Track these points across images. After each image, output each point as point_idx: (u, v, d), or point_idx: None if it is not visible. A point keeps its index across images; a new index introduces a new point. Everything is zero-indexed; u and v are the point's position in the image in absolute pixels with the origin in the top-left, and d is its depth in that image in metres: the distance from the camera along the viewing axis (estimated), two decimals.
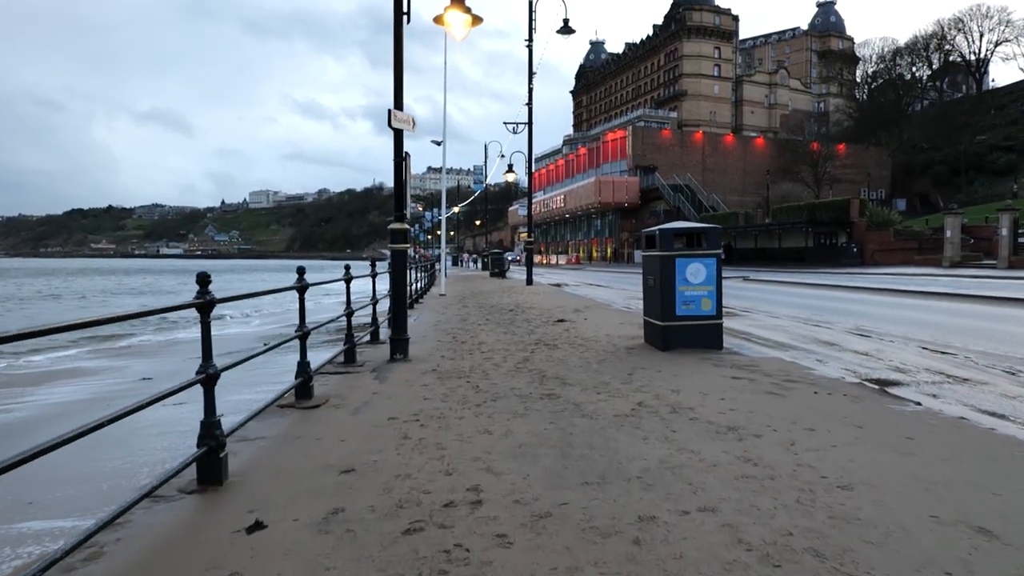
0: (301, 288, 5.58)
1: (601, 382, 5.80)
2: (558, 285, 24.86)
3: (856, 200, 39.81)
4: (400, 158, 7.72)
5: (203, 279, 3.48)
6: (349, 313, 7.58)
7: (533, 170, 26.48)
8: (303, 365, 5.64)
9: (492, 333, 9.83)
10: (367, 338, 9.71)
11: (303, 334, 5.59)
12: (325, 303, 23.60)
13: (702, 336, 7.31)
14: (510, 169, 28.07)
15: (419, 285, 20.16)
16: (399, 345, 7.81)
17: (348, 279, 7.61)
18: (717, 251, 7.33)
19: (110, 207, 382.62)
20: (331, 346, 10.62)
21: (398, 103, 7.72)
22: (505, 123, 25.06)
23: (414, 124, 7.94)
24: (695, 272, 7.25)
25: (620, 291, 21.06)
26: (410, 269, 19.79)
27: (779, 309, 13.07)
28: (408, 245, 7.85)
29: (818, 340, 8.80)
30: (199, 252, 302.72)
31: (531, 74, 23.89)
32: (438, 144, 26.96)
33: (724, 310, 7.74)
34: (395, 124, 7.59)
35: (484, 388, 5.76)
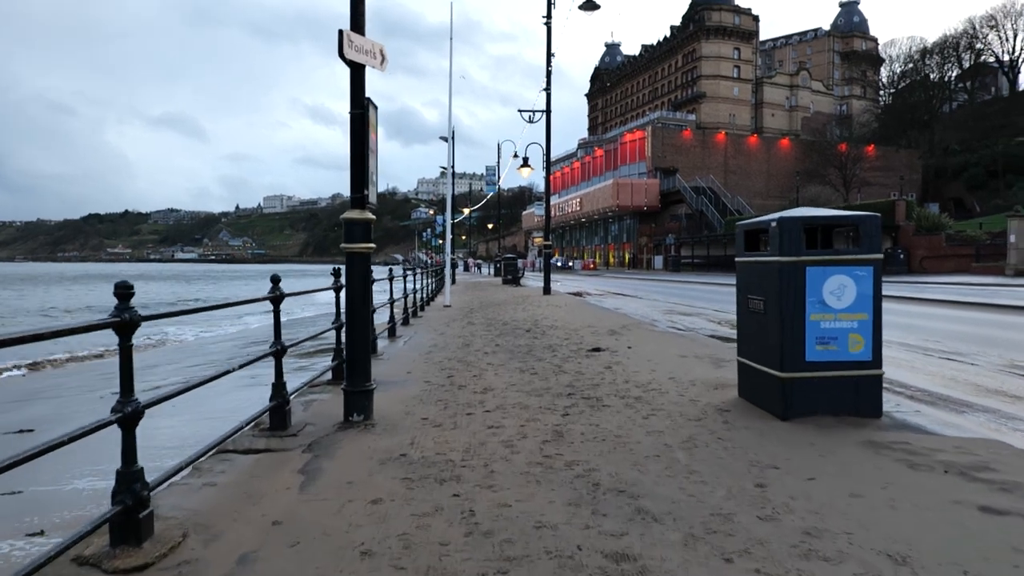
0: (123, 326, 2.79)
1: (715, 512, 2.94)
2: (579, 294, 21.99)
3: (902, 202, 36.60)
4: (360, 108, 4.91)
5: None
6: (277, 351, 4.78)
7: (548, 173, 23.66)
8: (127, 478, 2.84)
9: (503, 371, 6.99)
10: (328, 375, 6.93)
11: (125, 416, 2.80)
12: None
13: (849, 396, 4.44)
14: (525, 163, 25.20)
15: (423, 294, 17.38)
16: (357, 401, 4.99)
17: (276, 297, 4.81)
18: (876, 255, 4.46)
19: (127, 212, 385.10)
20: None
21: (356, 24, 4.93)
22: (520, 111, 22.18)
23: (384, 59, 5.14)
24: (839, 289, 4.39)
25: (651, 302, 18.15)
26: (417, 275, 17.11)
27: None
28: (372, 245, 5.04)
29: (983, 388, 5.91)
30: (213, 257, 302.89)
31: (549, 56, 21.08)
32: (446, 141, 24.22)
33: None
34: (351, 54, 4.80)
35: (483, 520, 2.93)
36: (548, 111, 20.67)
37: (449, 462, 3.82)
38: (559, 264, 67.02)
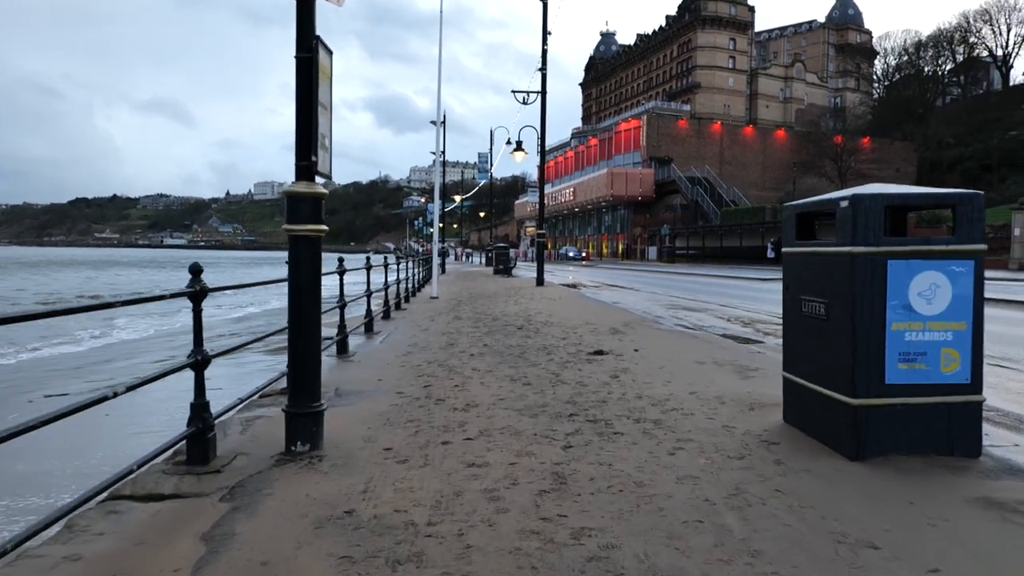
0: None
1: None
2: (573, 286, 20.96)
3: None
4: (307, 51, 3.81)
5: None
6: (196, 363, 3.69)
7: (543, 153, 22.55)
8: None
9: (491, 379, 5.92)
10: (283, 382, 5.85)
11: None
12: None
13: (939, 429, 3.40)
14: (519, 147, 24.08)
15: (409, 284, 16.31)
16: (302, 426, 3.92)
17: (195, 293, 3.72)
18: (978, 246, 3.43)
19: (115, 196, 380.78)
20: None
21: None
22: (514, 92, 21.00)
23: None
24: (929, 290, 3.36)
25: (650, 296, 17.14)
26: (404, 262, 16.03)
27: None
28: (323, 227, 3.96)
29: None
30: (203, 243, 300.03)
31: (545, 34, 19.94)
32: (435, 125, 23.04)
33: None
34: None
35: None
36: (543, 90, 19.54)
37: (410, 525, 2.76)
38: (570, 255, 64.81)
